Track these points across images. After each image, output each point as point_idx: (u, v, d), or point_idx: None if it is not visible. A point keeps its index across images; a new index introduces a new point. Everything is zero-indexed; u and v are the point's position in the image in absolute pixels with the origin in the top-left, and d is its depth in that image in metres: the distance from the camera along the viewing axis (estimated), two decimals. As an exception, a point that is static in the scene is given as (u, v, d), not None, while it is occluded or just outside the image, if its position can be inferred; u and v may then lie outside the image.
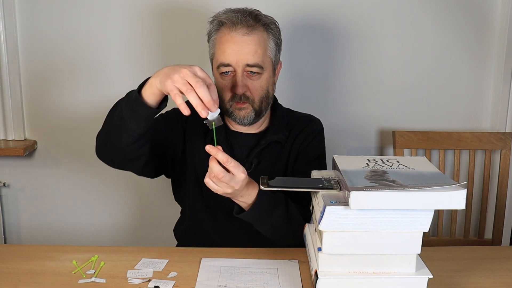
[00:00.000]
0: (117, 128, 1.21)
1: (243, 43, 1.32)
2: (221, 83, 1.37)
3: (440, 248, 1.41)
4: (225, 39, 1.33)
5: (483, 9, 1.93)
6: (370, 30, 1.91)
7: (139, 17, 1.88)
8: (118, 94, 1.92)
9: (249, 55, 1.32)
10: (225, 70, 1.34)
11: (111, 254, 1.25)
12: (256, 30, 1.33)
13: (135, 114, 1.17)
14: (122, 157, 1.27)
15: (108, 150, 1.29)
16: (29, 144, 1.92)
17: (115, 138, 1.23)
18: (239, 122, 1.39)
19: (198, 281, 1.12)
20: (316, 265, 1.04)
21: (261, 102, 1.37)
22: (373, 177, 1.01)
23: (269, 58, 1.37)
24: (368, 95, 1.97)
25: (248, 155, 1.43)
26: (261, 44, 1.34)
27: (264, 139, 1.43)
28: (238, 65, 1.32)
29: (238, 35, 1.32)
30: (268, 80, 1.38)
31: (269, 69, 1.38)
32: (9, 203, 2.04)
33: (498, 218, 1.95)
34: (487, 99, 2.00)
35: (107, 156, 1.31)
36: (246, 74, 1.34)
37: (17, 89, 1.92)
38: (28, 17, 1.87)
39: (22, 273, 1.15)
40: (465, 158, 1.99)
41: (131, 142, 1.21)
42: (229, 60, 1.33)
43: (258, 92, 1.36)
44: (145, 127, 1.20)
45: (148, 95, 1.16)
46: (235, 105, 1.36)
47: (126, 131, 1.20)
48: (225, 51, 1.33)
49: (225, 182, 1.11)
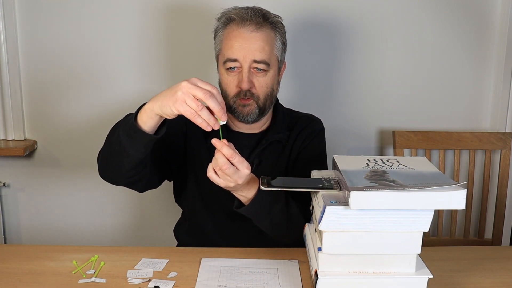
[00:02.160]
0: (117, 153, 1.19)
1: (251, 39, 1.32)
2: (226, 78, 1.36)
3: (440, 248, 1.41)
4: (233, 35, 1.34)
5: (483, 9, 1.93)
6: (370, 30, 1.92)
7: (140, 16, 1.88)
8: (118, 93, 1.93)
9: (256, 51, 1.32)
10: (231, 65, 1.34)
11: (111, 254, 1.25)
12: (264, 28, 1.34)
13: (133, 141, 1.15)
14: (124, 180, 1.28)
15: (110, 173, 1.28)
16: (29, 144, 1.92)
17: (115, 163, 1.22)
18: (242, 120, 1.38)
19: (198, 281, 1.12)
20: (316, 265, 1.04)
21: (265, 100, 1.37)
22: (373, 177, 1.01)
23: (276, 56, 1.38)
24: (368, 95, 1.97)
25: (250, 155, 1.43)
26: (268, 41, 1.34)
27: (265, 138, 1.43)
28: (245, 60, 1.32)
29: (247, 31, 1.32)
30: (274, 78, 1.39)
31: (274, 67, 1.38)
32: (9, 203, 2.04)
33: (498, 218, 1.95)
34: (487, 99, 2.00)
35: (110, 179, 1.31)
36: (252, 71, 1.34)
37: (17, 89, 1.91)
38: (28, 17, 1.87)
39: (22, 273, 1.15)
40: (465, 158, 1.99)
41: (131, 167, 1.21)
42: (236, 55, 1.32)
43: (263, 89, 1.36)
44: (144, 152, 1.18)
45: (145, 121, 1.14)
46: (239, 101, 1.36)
47: (126, 157, 1.18)
48: (232, 46, 1.33)
49: (228, 175, 1.11)
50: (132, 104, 1.93)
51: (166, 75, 1.92)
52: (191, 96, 1.06)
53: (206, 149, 1.41)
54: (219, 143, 1.11)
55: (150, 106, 1.12)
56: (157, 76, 1.92)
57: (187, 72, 1.91)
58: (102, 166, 1.30)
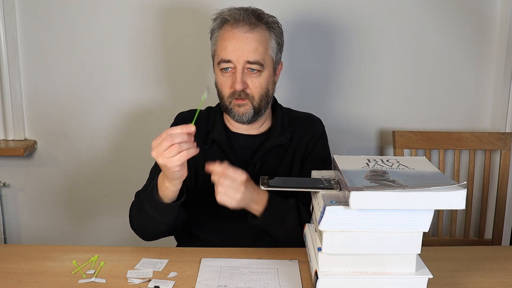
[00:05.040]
0: (151, 223, 1.29)
1: (244, 40, 1.33)
2: (221, 79, 1.38)
3: (440, 248, 1.41)
4: (227, 36, 1.34)
5: (483, 9, 1.93)
6: (370, 30, 1.91)
7: (141, 16, 1.88)
8: (118, 93, 1.93)
9: (249, 52, 1.33)
10: (225, 66, 1.35)
11: (111, 254, 1.25)
12: (258, 28, 1.34)
13: (162, 213, 1.26)
14: (158, 237, 1.37)
15: (146, 234, 1.36)
16: (29, 144, 1.92)
17: (152, 230, 1.33)
18: (238, 120, 1.39)
19: (198, 281, 1.12)
20: (316, 265, 1.04)
21: (260, 100, 1.38)
22: (373, 177, 1.01)
23: (270, 56, 1.38)
24: (368, 95, 1.97)
25: (251, 157, 1.43)
26: (262, 42, 1.35)
27: (268, 142, 1.43)
28: (238, 61, 1.33)
29: (240, 32, 1.33)
30: (268, 79, 1.39)
31: (269, 67, 1.38)
32: (9, 203, 2.04)
33: (498, 218, 1.95)
34: (487, 99, 2.00)
35: (144, 237, 1.37)
36: (246, 71, 1.35)
37: (17, 89, 1.92)
38: (28, 17, 1.87)
39: (22, 273, 1.15)
40: (465, 158, 1.99)
41: (165, 229, 1.32)
42: (229, 56, 1.33)
43: (257, 89, 1.36)
44: (175, 214, 1.28)
45: (165, 195, 1.23)
46: (234, 101, 1.37)
47: (159, 224, 1.29)
48: (226, 47, 1.34)
49: (229, 186, 1.15)
50: (132, 103, 1.94)
51: (166, 75, 1.92)
52: (165, 153, 1.10)
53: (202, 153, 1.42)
54: (210, 166, 1.18)
55: (161, 181, 1.22)
56: (157, 76, 1.92)
57: (186, 72, 1.91)
58: (136, 227, 1.36)
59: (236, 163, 1.40)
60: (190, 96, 1.90)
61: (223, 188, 1.15)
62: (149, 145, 1.13)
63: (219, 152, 1.42)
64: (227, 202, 1.17)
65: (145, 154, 1.93)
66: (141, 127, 1.95)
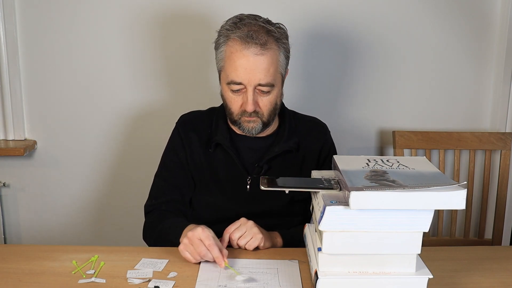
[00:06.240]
0: (172, 245, 1.30)
1: (256, 62, 1.29)
2: (230, 97, 1.36)
3: (440, 248, 1.41)
4: (237, 56, 1.30)
5: (483, 9, 1.93)
6: (369, 31, 1.91)
7: (141, 17, 1.87)
8: (118, 93, 1.93)
9: (261, 75, 1.30)
10: (236, 88, 1.33)
11: (111, 254, 1.25)
12: (269, 47, 1.30)
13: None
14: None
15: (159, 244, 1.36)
16: (29, 144, 1.92)
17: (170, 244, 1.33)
18: (246, 133, 1.40)
19: (198, 281, 1.12)
20: (316, 265, 1.04)
21: (270, 116, 1.38)
22: (373, 177, 1.01)
23: (280, 74, 1.36)
24: (368, 95, 1.97)
25: (258, 160, 1.43)
26: (273, 62, 1.32)
27: (276, 146, 1.43)
28: (250, 84, 1.31)
29: (251, 53, 1.29)
30: (278, 94, 1.38)
31: (279, 84, 1.37)
32: (9, 203, 2.04)
33: (498, 218, 1.95)
34: (487, 99, 2.01)
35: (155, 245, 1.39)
36: (257, 91, 1.33)
37: (17, 89, 1.91)
38: (28, 17, 1.87)
39: (22, 273, 1.15)
40: (465, 158, 1.99)
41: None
42: (241, 78, 1.31)
43: (267, 107, 1.36)
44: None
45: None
46: (244, 118, 1.37)
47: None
48: (237, 69, 1.30)
49: (242, 236, 1.25)
50: (132, 103, 1.94)
51: (166, 75, 1.92)
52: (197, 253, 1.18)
53: (206, 157, 1.43)
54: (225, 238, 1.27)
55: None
56: (157, 76, 1.92)
57: (186, 73, 1.91)
58: (150, 242, 1.42)
59: (241, 165, 1.40)
60: (190, 96, 1.91)
61: (245, 238, 1.25)
62: (149, 145, 1.13)
63: (223, 154, 1.42)
64: (256, 243, 1.26)
65: (145, 154, 1.95)
66: (141, 127, 1.94)
